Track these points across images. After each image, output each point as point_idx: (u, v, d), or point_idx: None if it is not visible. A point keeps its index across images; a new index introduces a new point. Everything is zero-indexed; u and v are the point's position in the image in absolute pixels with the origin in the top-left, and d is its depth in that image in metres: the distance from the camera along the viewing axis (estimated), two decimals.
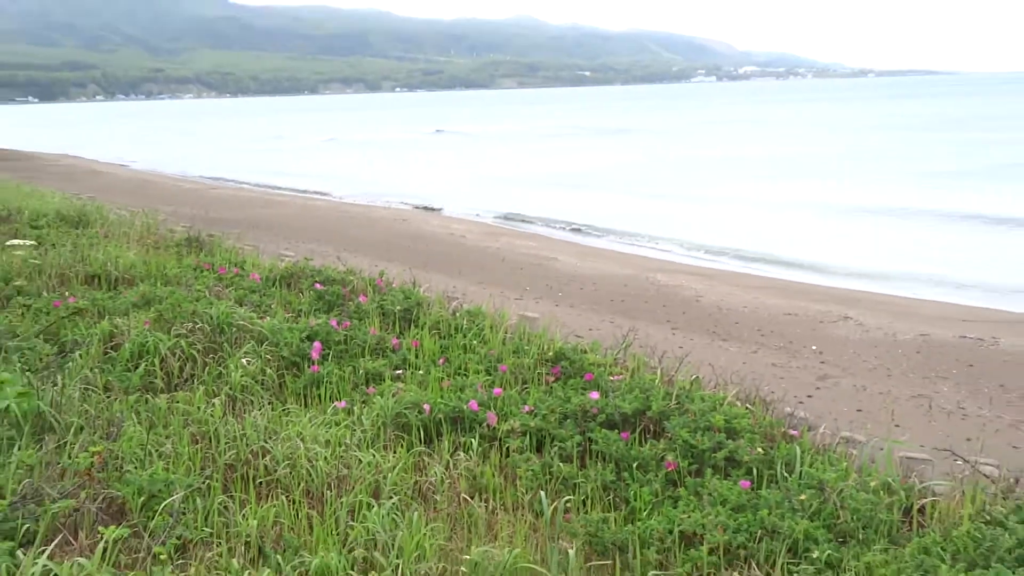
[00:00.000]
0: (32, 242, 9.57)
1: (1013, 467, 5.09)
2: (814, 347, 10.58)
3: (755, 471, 4.59)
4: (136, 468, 4.36)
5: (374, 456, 4.67)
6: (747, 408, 5.58)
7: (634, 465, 4.65)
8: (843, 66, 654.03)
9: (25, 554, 3.52)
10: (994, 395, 8.83)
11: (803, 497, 4.16)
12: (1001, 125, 60.49)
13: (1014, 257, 18.28)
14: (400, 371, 6.26)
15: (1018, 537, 3.67)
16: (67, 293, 7.86)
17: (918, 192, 27.79)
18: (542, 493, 4.35)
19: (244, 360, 6.11)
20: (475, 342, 6.90)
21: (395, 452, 4.83)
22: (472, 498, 4.39)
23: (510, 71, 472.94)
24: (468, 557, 3.68)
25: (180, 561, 3.69)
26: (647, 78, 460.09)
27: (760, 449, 4.75)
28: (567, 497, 4.40)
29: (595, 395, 5.37)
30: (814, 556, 3.73)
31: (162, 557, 3.63)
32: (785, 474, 4.55)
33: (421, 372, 6.19)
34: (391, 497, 4.23)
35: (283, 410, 5.43)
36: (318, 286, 8.29)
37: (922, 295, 14.60)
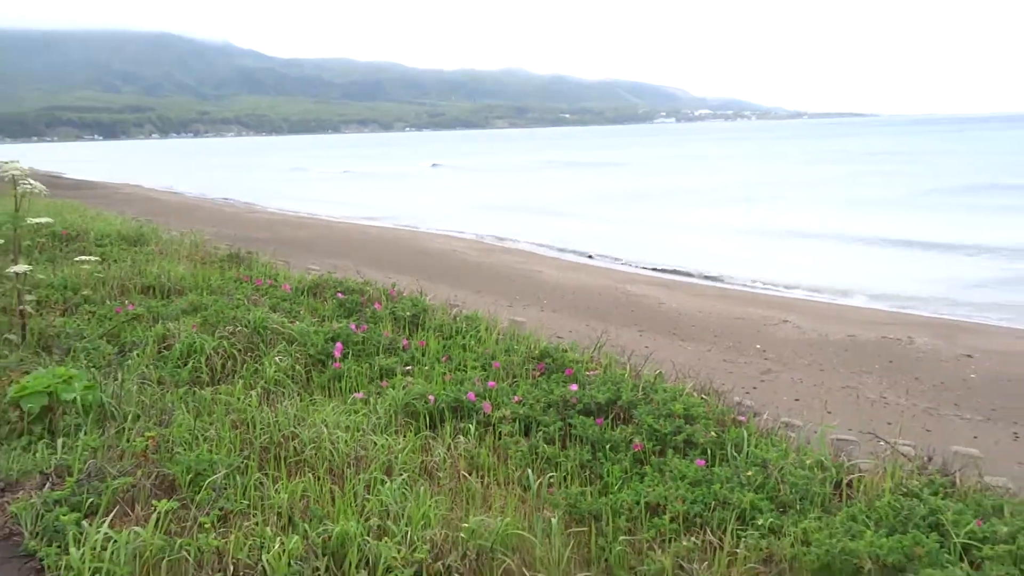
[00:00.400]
0: (97, 258, 9.50)
1: (926, 447, 5.10)
2: (758, 346, 10.60)
3: (709, 451, 4.59)
4: (184, 450, 4.34)
5: (387, 439, 4.66)
6: (702, 398, 5.57)
7: (607, 446, 4.64)
8: (783, 109, 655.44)
9: (90, 523, 3.51)
10: (910, 386, 8.86)
11: (750, 473, 4.16)
12: (913, 159, 60.91)
13: (923, 271, 18.40)
14: (409, 367, 6.24)
15: (930, 507, 3.69)
16: (126, 301, 7.82)
17: (843, 217, 27.93)
18: (529, 471, 4.34)
19: (277, 358, 6.09)
20: (472, 342, 6.88)
21: (405, 436, 4.81)
22: (470, 475, 4.37)
23: (502, 113, 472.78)
24: (466, 525, 3.67)
25: (222, 529, 3.67)
26: (617, 119, 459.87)
27: (713, 433, 4.75)
28: (550, 474, 4.38)
29: (574, 387, 5.37)
30: (759, 523, 3.73)
31: (206, 526, 3.62)
32: (734, 454, 4.55)
33: (427, 368, 6.18)
34: (401, 474, 4.21)
35: (310, 400, 5.41)
36: (340, 295, 8.25)
37: (849, 303, 14.66)
